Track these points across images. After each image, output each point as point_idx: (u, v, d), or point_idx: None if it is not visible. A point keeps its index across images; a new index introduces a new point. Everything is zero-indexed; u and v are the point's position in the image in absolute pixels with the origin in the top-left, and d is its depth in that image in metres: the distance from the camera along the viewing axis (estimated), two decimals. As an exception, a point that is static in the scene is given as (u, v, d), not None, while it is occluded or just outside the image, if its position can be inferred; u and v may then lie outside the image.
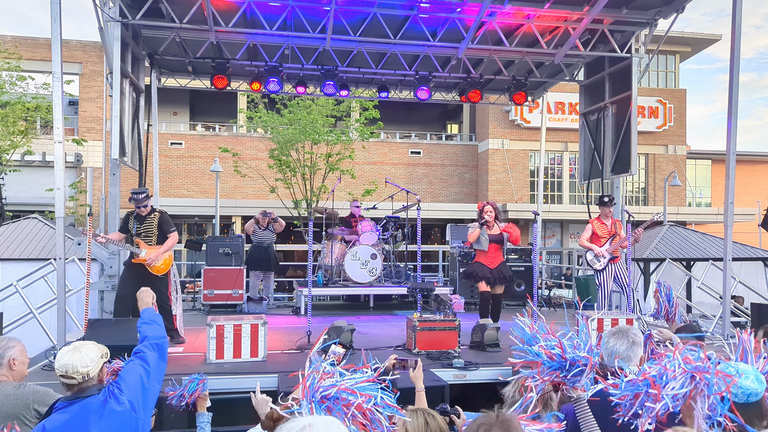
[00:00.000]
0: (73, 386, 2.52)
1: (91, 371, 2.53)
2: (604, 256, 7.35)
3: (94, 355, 2.57)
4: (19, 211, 16.51)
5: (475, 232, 7.19)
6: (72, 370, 2.50)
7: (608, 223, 7.53)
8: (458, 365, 5.28)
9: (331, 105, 16.11)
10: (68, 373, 2.50)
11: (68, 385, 2.53)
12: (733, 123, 6.52)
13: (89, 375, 2.52)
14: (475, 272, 7.17)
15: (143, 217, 6.36)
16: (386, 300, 10.65)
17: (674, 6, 8.02)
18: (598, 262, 7.39)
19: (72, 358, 2.52)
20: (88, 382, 2.52)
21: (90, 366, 2.52)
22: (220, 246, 9.71)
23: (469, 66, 9.68)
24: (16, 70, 16.27)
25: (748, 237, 18.19)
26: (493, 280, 7.08)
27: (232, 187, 20.64)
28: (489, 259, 7.17)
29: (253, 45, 9.03)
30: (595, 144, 9.73)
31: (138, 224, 6.35)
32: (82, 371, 2.50)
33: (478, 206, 7.38)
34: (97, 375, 2.57)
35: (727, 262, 6.72)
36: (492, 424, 1.68)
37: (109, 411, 2.44)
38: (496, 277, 7.10)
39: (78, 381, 2.51)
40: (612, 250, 7.35)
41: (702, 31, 35.45)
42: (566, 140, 22.03)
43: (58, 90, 5.76)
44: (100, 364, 2.58)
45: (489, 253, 7.17)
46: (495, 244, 7.20)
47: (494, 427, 1.67)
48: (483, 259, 7.21)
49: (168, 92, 16.29)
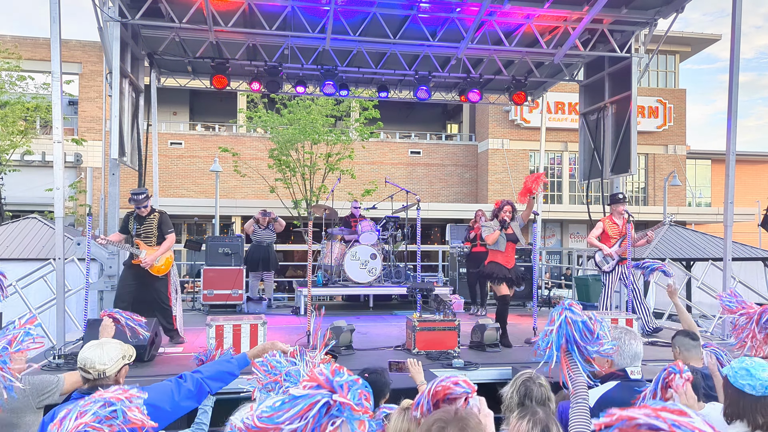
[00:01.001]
0: (88, 380, 2.58)
1: (108, 370, 2.56)
2: (613, 258, 7.13)
3: (115, 355, 2.60)
4: (19, 211, 16.52)
5: (495, 234, 6.78)
6: (89, 365, 2.55)
7: (620, 222, 7.29)
8: (458, 365, 5.27)
9: (331, 105, 16.11)
10: (86, 367, 2.56)
11: (85, 378, 2.59)
12: (733, 123, 6.52)
13: (105, 373, 2.55)
14: (495, 273, 6.77)
15: (143, 218, 6.33)
16: (386, 300, 10.64)
17: (674, 6, 8.02)
18: (607, 264, 7.16)
19: (93, 353, 2.57)
20: (103, 380, 2.55)
21: (108, 365, 2.56)
22: (219, 246, 9.70)
23: (469, 66, 9.68)
24: (15, 70, 16.28)
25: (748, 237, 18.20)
26: (511, 282, 6.73)
27: (231, 187, 20.64)
28: (506, 258, 6.81)
29: (253, 45, 9.03)
30: (594, 144, 9.73)
31: (138, 225, 6.32)
32: (99, 368, 2.54)
33: (496, 204, 6.99)
34: (114, 375, 2.60)
35: (727, 262, 6.72)
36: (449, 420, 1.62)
37: None
38: (514, 278, 6.75)
39: (93, 377, 2.55)
40: (621, 252, 7.13)
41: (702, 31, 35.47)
42: (566, 140, 22.03)
43: (57, 90, 5.76)
44: (119, 365, 2.61)
45: (506, 253, 6.81)
46: (511, 244, 6.87)
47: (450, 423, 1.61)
48: (500, 259, 6.83)
49: (167, 92, 16.32)
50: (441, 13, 8.12)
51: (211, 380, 2.65)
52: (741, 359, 2.37)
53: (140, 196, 6.25)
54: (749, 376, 2.28)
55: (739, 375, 2.31)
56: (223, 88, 9.24)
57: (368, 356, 5.82)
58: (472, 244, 9.41)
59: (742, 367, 2.32)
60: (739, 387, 2.30)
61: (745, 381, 2.29)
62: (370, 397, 1.30)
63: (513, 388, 2.81)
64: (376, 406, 3.10)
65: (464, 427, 1.59)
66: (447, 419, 1.61)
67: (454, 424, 1.58)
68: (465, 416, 1.62)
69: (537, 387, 2.74)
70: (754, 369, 2.29)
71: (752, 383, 2.27)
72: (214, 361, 2.85)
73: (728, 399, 2.35)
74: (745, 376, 2.29)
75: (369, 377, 3.18)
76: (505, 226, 6.82)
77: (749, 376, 2.28)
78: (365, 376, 3.16)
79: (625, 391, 2.73)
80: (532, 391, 2.73)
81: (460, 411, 1.65)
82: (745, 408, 2.28)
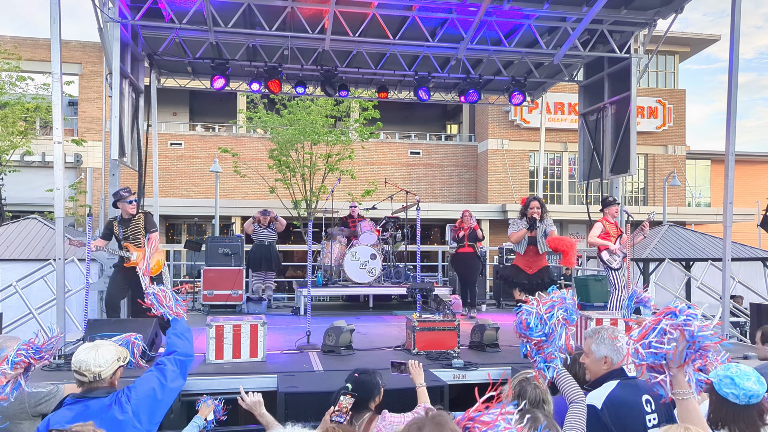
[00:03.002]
0: (83, 383, 2.54)
1: (104, 372, 2.54)
2: (619, 255, 6.96)
3: (110, 357, 2.58)
4: (19, 211, 16.53)
5: (520, 233, 6.42)
6: (84, 368, 2.52)
7: (613, 222, 7.17)
8: (457, 365, 5.28)
9: (331, 105, 16.12)
10: (80, 370, 2.52)
11: (79, 382, 2.56)
12: (733, 123, 6.52)
13: (101, 376, 2.53)
14: (511, 277, 6.52)
15: (128, 221, 6.31)
16: (386, 300, 10.65)
17: (673, 6, 8.03)
18: (615, 261, 6.98)
19: (87, 356, 2.54)
20: (99, 383, 2.53)
21: (103, 367, 2.54)
22: (219, 246, 9.70)
23: (469, 66, 9.69)
24: (15, 70, 16.29)
25: (747, 237, 18.21)
26: (530, 287, 6.30)
27: (231, 187, 20.64)
28: (527, 262, 6.49)
29: (253, 45, 9.04)
30: (594, 144, 9.74)
31: (124, 228, 6.28)
32: (95, 371, 2.52)
33: (522, 201, 6.68)
34: (110, 377, 2.58)
35: (727, 262, 6.72)
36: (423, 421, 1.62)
37: (110, 417, 2.44)
38: (534, 283, 6.33)
39: (89, 380, 2.52)
40: (623, 248, 6.96)
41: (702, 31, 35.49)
42: (566, 140, 22.04)
43: (57, 90, 5.76)
44: (114, 367, 2.59)
45: (527, 256, 6.50)
46: (534, 247, 6.51)
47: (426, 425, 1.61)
48: (521, 262, 6.55)
49: (167, 93, 16.32)
50: (440, 13, 8.13)
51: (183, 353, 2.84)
52: (727, 366, 2.34)
53: (131, 194, 6.29)
54: (733, 385, 2.27)
55: (724, 383, 2.29)
56: (223, 89, 9.25)
57: (368, 356, 5.83)
58: (459, 245, 9.08)
59: (727, 375, 2.30)
60: (723, 395, 2.28)
61: (729, 390, 2.27)
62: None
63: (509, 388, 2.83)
64: (367, 407, 3.10)
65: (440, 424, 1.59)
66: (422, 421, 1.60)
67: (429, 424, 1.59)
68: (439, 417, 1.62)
69: (532, 388, 2.75)
70: (739, 378, 2.27)
71: (736, 392, 2.25)
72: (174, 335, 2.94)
73: (712, 405, 2.34)
74: (729, 385, 2.28)
75: (359, 378, 3.14)
76: (535, 225, 6.43)
77: (733, 385, 2.27)
78: (355, 377, 3.15)
79: (627, 389, 2.73)
80: (526, 391, 2.74)
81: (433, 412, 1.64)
82: (728, 416, 2.26)
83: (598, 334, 2.90)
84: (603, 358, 2.84)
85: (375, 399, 3.15)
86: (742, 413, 2.24)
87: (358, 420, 3.01)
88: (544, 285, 6.33)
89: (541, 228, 6.62)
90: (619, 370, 2.84)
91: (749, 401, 2.24)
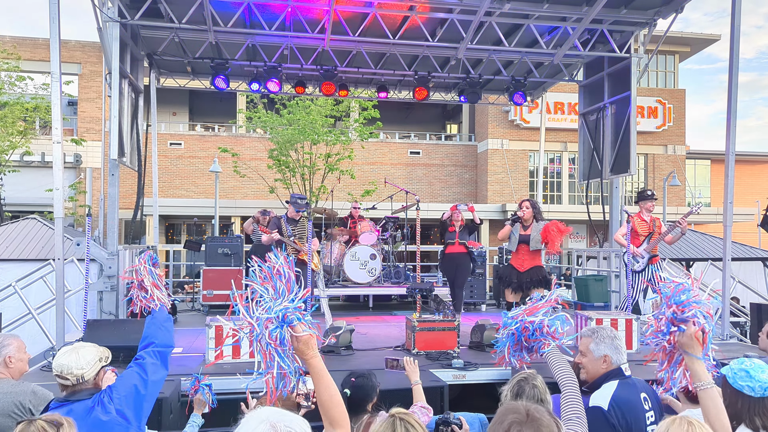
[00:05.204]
0: (66, 387, 2.50)
1: (86, 374, 2.50)
2: (643, 256, 6.77)
3: (91, 358, 2.54)
4: (18, 211, 16.53)
5: (505, 230, 6.61)
6: (66, 371, 2.48)
7: (647, 219, 6.94)
8: (457, 365, 5.27)
9: (330, 105, 16.11)
10: (63, 374, 2.48)
11: (62, 386, 2.52)
12: (733, 123, 6.52)
13: (83, 378, 2.49)
14: (503, 277, 6.61)
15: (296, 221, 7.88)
16: (385, 300, 10.64)
17: (673, 6, 8.02)
18: (637, 263, 6.78)
19: (68, 359, 2.50)
20: (82, 385, 2.50)
21: (85, 369, 2.50)
22: (219, 246, 9.69)
23: (468, 66, 9.68)
24: (15, 70, 16.29)
25: (747, 237, 18.22)
26: (518, 287, 6.45)
27: (231, 187, 20.63)
28: (519, 261, 6.58)
29: (252, 45, 9.02)
30: (594, 144, 9.73)
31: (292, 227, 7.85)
32: (77, 373, 2.48)
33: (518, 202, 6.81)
34: (93, 379, 2.54)
35: (727, 262, 6.71)
36: (522, 422, 1.58)
37: (94, 419, 2.41)
38: (524, 281, 6.44)
39: (72, 383, 2.48)
40: (650, 249, 6.75)
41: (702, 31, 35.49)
42: (565, 140, 22.04)
43: (56, 90, 5.75)
44: (96, 368, 2.55)
45: (518, 255, 6.60)
46: (525, 245, 6.60)
47: (525, 426, 1.59)
48: (513, 260, 6.65)
49: (167, 92, 16.32)
50: (440, 13, 8.12)
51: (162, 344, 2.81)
52: (740, 360, 2.39)
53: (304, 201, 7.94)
54: (749, 378, 2.31)
55: (738, 376, 2.33)
56: (223, 89, 9.24)
57: (368, 356, 5.81)
58: (449, 242, 8.50)
59: (742, 369, 2.34)
60: (738, 388, 2.32)
61: (744, 382, 2.31)
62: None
63: (509, 387, 2.83)
64: (363, 409, 3.08)
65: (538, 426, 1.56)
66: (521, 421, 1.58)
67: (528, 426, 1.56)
68: (538, 418, 1.59)
69: (530, 387, 2.75)
70: (753, 370, 2.31)
71: (751, 384, 2.29)
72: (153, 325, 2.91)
73: (727, 400, 2.36)
74: (744, 378, 2.32)
75: (356, 381, 3.11)
76: (517, 220, 6.58)
77: (749, 378, 2.31)
78: (352, 381, 3.12)
79: (627, 388, 2.74)
80: (524, 390, 2.75)
81: (530, 411, 1.61)
82: (743, 409, 2.30)
83: (596, 333, 2.90)
84: (602, 357, 2.83)
85: (372, 400, 3.14)
86: (758, 405, 2.29)
87: (356, 423, 3.00)
88: (533, 283, 6.44)
89: (536, 227, 6.67)
90: (617, 369, 2.83)
91: (765, 393, 2.29)
